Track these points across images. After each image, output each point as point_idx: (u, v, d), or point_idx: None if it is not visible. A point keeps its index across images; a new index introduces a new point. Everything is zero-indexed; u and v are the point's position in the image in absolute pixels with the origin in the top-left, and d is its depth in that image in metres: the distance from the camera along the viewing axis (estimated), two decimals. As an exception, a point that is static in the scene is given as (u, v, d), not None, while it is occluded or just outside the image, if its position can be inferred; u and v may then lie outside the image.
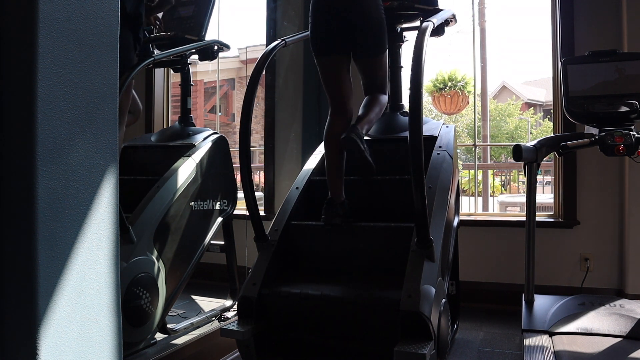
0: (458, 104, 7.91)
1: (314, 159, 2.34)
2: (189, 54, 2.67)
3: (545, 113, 19.61)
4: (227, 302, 2.67)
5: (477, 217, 3.46)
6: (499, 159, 18.07)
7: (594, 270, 2.91)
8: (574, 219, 2.96)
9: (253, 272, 1.85)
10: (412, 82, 1.61)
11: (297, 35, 2.26)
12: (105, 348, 1.07)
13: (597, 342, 1.96)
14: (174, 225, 2.24)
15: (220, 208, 2.58)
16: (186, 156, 2.40)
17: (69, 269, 0.98)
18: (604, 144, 2.17)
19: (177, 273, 2.26)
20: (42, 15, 0.93)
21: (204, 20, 2.67)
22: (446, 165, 2.08)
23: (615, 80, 2.30)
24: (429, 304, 1.56)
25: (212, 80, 11.42)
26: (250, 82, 1.91)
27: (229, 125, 13.12)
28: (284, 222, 2.01)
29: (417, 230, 1.65)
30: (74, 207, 1.00)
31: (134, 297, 1.96)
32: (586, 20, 2.94)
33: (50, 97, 0.95)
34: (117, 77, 1.11)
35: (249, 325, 1.74)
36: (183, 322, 2.32)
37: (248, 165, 1.93)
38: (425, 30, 1.71)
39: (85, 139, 1.03)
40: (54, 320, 0.94)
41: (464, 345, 2.38)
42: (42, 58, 0.93)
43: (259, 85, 1.95)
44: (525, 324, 2.23)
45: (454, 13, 2.15)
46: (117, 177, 1.12)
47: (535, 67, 35.64)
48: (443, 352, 1.63)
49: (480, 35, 10.73)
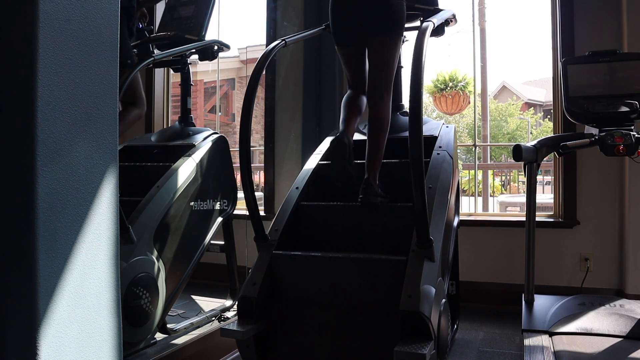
0: (459, 104, 7.92)
1: (314, 159, 2.34)
2: (189, 54, 2.67)
3: (545, 113, 19.61)
4: (227, 302, 2.67)
5: (477, 217, 3.46)
6: (499, 159, 18.07)
7: (594, 270, 2.91)
8: (574, 219, 2.96)
9: (253, 272, 1.85)
10: (412, 82, 1.60)
11: (297, 35, 2.25)
12: (105, 348, 1.07)
13: (597, 342, 1.96)
14: (174, 225, 2.24)
15: (220, 208, 2.58)
16: (186, 156, 2.40)
17: (69, 269, 0.98)
18: (604, 144, 2.17)
19: (177, 273, 2.26)
20: (42, 15, 0.93)
21: (204, 20, 2.67)
22: (446, 165, 2.08)
23: (615, 81, 2.30)
24: (429, 304, 1.56)
25: (212, 80, 11.42)
26: (250, 82, 1.91)
27: (229, 125, 13.12)
28: (284, 222, 2.01)
29: (417, 230, 1.65)
30: (74, 207, 1.00)
31: (134, 297, 1.96)
32: (586, 20, 2.94)
33: (50, 97, 0.95)
34: (117, 77, 1.12)
35: (249, 325, 1.74)
36: (183, 322, 2.32)
37: (248, 165, 1.92)
38: (426, 30, 1.70)
39: (85, 139, 1.03)
40: (54, 320, 0.94)
41: (464, 345, 2.38)
42: (42, 58, 0.93)
43: (259, 85, 1.95)
44: (525, 324, 2.23)
45: (454, 13, 2.14)
46: (117, 177, 1.12)
47: (535, 67, 35.71)
48: (443, 352, 1.63)
49: (480, 35, 10.75)
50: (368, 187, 1.95)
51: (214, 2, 2.70)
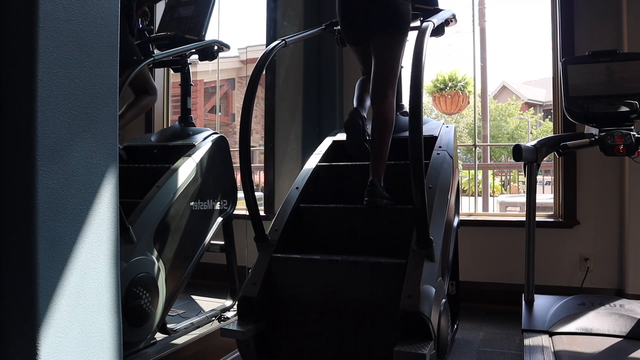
0: (459, 104, 7.91)
1: (314, 159, 2.34)
2: (189, 54, 2.67)
3: (546, 113, 19.61)
4: (227, 302, 2.67)
5: (477, 217, 3.47)
6: (499, 159, 18.07)
7: (594, 270, 2.91)
8: (574, 219, 2.96)
9: (253, 272, 1.85)
10: (412, 82, 1.60)
11: (297, 35, 2.26)
12: (105, 348, 1.07)
13: (597, 342, 1.96)
14: (174, 225, 2.24)
15: (220, 208, 2.58)
16: (186, 156, 2.40)
17: (69, 269, 0.98)
18: (604, 144, 2.17)
19: (177, 273, 2.26)
20: (42, 15, 0.93)
21: (204, 20, 2.67)
22: (446, 165, 2.08)
23: (615, 80, 2.30)
24: (429, 304, 1.56)
25: (212, 80, 11.43)
26: (250, 82, 1.91)
27: (229, 125, 13.12)
28: (284, 222, 2.01)
29: (417, 231, 1.65)
30: (74, 207, 1.00)
31: (134, 297, 1.96)
32: (586, 20, 2.94)
33: (50, 97, 0.95)
34: (117, 77, 1.12)
35: (249, 325, 1.74)
36: (183, 322, 2.32)
37: (248, 165, 1.92)
38: (426, 30, 1.70)
39: (85, 139, 1.03)
40: (54, 320, 0.94)
41: (464, 345, 2.38)
42: (42, 58, 0.93)
43: (259, 85, 1.95)
44: (525, 324, 2.23)
45: (454, 13, 2.14)
46: (117, 177, 1.12)
47: (535, 67, 35.68)
48: (443, 352, 1.63)
49: (480, 35, 10.74)
50: (373, 189, 1.94)
51: (214, 2, 2.71)
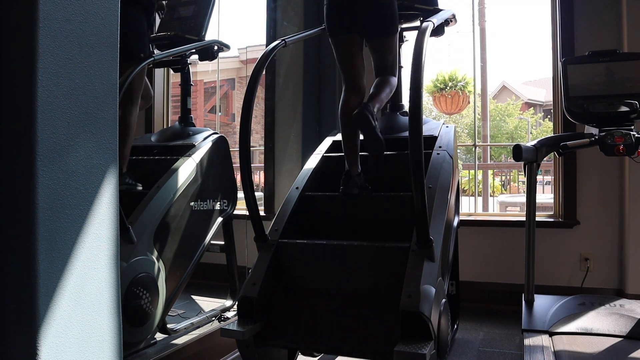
0: (459, 104, 7.91)
1: (314, 158, 2.34)
2: (189, 54, 2.67)
3: (546, 113, 19.60)
4: (227, 302, 2.67)
5: (477, 217, 3.46)
6: (499, 159, 18.07)
7: (594, 270, 2.91)
8: (574, 219, 2.96)
9: (253, 272, 1.85)
10: (412, 82, 1.60)
11: (297, 35, 2.26)
12: (105, 348, 1.07)
13: (597, 342, 1.96)
14: (174, 225, 2.24)
15: (220, 208, 2.58)
16: (186, 156, 2.40)
17: (69, 269, 0.98)
18: (604, 144, 2.17)
19: (177, 273, 2.26)
20: (42, 15, 0.93)
21: (204, 20, 2.67)
22: (446, 165, 2.08)
23: (615, 80, 2.30)
24: (429, 304, 1.55)
25: (212, 80, 11.42)
26: (250, 82, 1.91)
27: (229, 125, 13.11)
28: (284, 222, 2.01)
29: (417, 230, 1.65)
30: (74, 207, 1.00)
31: (134, 297, 1.96)
32: (586, 20, 2.94)
33: (50, 97, 0.95)
34: (117, 77, 1.12)
35: (249, 325, 1.74)
36: (183, 322, 2.32)
37: (248, 165, 1.92)
38: (425, 30, 1.70)
39: (85, 139, 1.03)
40: (54, 320, 0.94)
41: (464, 345, 2.38)
42: (42, 58, 0.93)
43: (259, 85, 1.95)
44: (525, 324, 2.23)
45: (454, 13, 2.15)
46: (117, 177, 1.12)
47: (535, 67, 35.68)
48: (443, 352, 1.63)
49: (480, 35, 10.73)
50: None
51: (214, 2, 2.70)
